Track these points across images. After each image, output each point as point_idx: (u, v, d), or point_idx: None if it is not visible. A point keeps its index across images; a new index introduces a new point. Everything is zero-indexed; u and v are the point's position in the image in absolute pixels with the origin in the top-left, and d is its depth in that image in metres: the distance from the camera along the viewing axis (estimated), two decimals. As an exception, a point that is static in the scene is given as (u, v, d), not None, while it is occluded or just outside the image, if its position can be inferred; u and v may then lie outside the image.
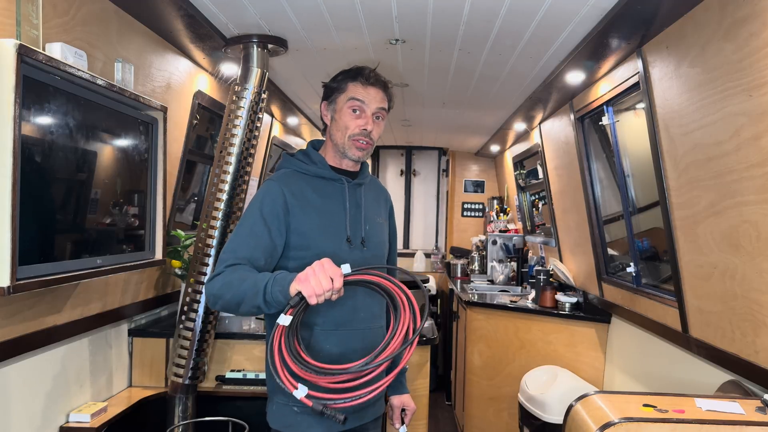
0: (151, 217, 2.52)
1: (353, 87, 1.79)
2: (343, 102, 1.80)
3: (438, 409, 5.27)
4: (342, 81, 1.82)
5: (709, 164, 2.06)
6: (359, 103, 1.78)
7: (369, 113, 1.79)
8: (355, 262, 1.70)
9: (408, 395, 2.00)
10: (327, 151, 1.87)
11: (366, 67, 1.84)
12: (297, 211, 1.72)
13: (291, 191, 1.74)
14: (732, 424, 1.52)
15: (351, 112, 1.79)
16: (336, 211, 1.79)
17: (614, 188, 3.27)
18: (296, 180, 1.79)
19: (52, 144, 1.86)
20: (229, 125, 2.75)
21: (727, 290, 2.05)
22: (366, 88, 1.79)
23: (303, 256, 1.69)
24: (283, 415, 1.73)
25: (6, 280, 1.64)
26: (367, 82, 1.80)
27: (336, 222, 1.78)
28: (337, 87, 1.82)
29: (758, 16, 1.71)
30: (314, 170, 1.82)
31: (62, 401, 2.32)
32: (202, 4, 2.37)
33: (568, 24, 2.43)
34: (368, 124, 1.79)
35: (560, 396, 3.07)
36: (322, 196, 1.79)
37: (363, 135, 1.79)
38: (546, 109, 3.95)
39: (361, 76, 1.80)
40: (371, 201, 1.91)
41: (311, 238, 1.72)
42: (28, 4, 1.79)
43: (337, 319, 1.73)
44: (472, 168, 7.01)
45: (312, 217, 1.74)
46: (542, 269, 4.10)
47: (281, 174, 1.82)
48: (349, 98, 1.78)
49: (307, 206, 1.75)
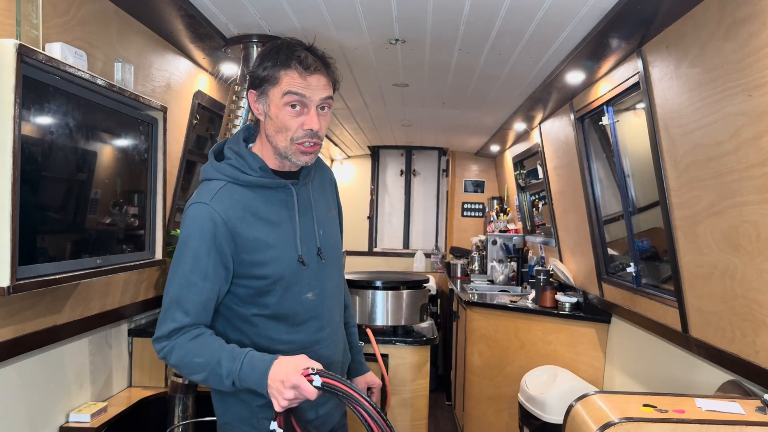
0: (151, 217, 2.52)
1: (289, 77, 1.45)
2: (277, 96, 1.46)
3: (438, 409, 5.27)
4: (273, 68, 1.46)
5: (709, 164, 2.06)
6: (298, 98, 1.45)
7: (312, 108, 1.47)
8: (314, 277, 1.59)
9: (370, 373, 1.87)
10: (264, 150, 1.55)
11: (299, 47, 1.48)
12: (243, 240, 1.47)
13: (230, 216, 1.46)
14: (732, 424, 1.52)
15: (290, 109, 1.46)
16: (285, 226, 1.54)
17: (614, 188, 3.27)
18: (234, 198, 1.49)
19: (52, 144, 1.86)
20: (229, 125, 2.75)
21: (727, 290, 2.05)
22: (305, 77, 1.45)
23: (257, 285, 1.51)
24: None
25: (6, 280, 1.64)
26: (306, 69, 1.45)
27: (288, 239, 1.54)
28: (267, 76, 1.46)
29: (758, 16, 1.71)
30: (254, 180, 1.51)
31: (62, 401, 2.32)
32: (202, 4, 2.37)
33: (568, 24, 2.43)
34: (312, 122, 1.46)
35: (560, 396, 3.07)
36: (268, 212, 1.52)
37: (308, 136, 1.48)
38: (546, 109, 3.95)
39: (297, 62, 1.44)
40: (320, 193, 1.67)
41: (264, 265, 1.50)
42: (28, 4, 1.79)
43: (304, 342, 1.58)
44: (472, 168, 7.01)
45: (262, 243, 1.49)
46: (542, 269, 4.10)
47: (213, 192, 1.49)
48: (286, 92, 1.45)
49: (251, 230, 1.48)
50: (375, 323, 2.87)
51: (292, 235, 1.55)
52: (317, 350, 1.61)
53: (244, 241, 1.48)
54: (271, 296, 1.53)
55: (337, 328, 1.73)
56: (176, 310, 1.44)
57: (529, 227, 5.58)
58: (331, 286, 1.68)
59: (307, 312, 1.60)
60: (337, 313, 1.74)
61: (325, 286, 1.65)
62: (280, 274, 1.52)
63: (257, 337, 1.56)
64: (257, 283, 1.51)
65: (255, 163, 1.54)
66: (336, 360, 1.71)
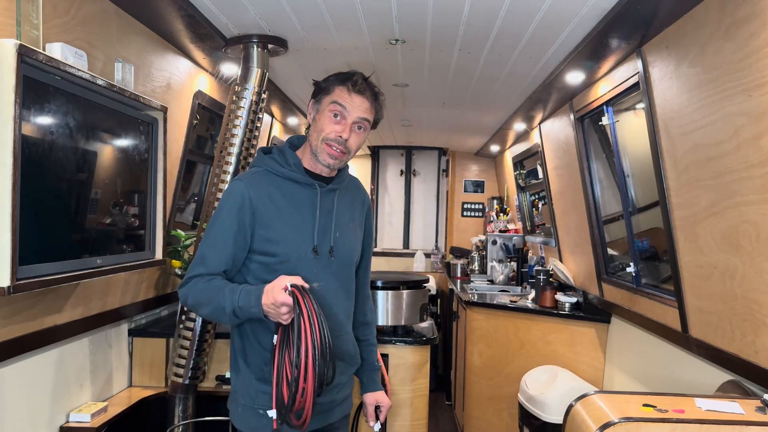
0: (151, 217, 2.52)
1: (339, 91, 1.72)
2: (326, 104, 1.73)
3: (438, 409, 5.27)
4: (331, 82, 1.75)
5: (709, 164, 2.06)
6: (340, 109, 1.71)
7: (349, 121, 1.71)
8: (321, 271, 1.73)
9: (382, 392, 1.98)
10: (305, 151, 1.80)
11: (358, 73, 1.76)
12: (262, 216, 1.69)
13: (258, 195, 1.69)
14: (732, 424, 1.52)
15: (331, 116, 1.71)
16: (305, 218, 1.74)
17: (614, 188, 3.27)
18: (266, 182, 1.73)
19: (53, 144, 1.86)
20: (229, 125, 2.75)
21: (727, 290, 2.05)
22: (351, 95, 1.71)
23: (267, 261, 1.70)
24: (247, 417, 1.72)
25: (6, 280, 1.64)
26: (354, 88, 1.72)
27: (303, 229, 1.73)
28: (324, 87, 1.75)
29: (758, 16, 1.71)
30: (287, 173, 1.75)
31: (62, 401, 2.32)
32: (202, 4, 2.37)
33: (568, 24, 2.43)
34: (345, 131, 1.71)
35: (560, 396, 3.07)
36: (291, 202, 1.73)
37: (337, 142, 1.71)
38: (546, 109, 3.95)
39: (350, 81, 1.72)
40: (345, 205, 1.85)
41: (276, 244, 1.69)
42: (28, 4, 1.79)
43: None
44: (472, 168, 7.01)
45: (278, 223, 1.70)
46: (542, 269, 4.10)
47: (251, 174, 1.76)
48: (332, 101, 1.71)
49: (273, 211, 1.70)
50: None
51: (309, 227, 1.73)
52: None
53: (262, 218, 1.69)
54: (277, 275, 1.62)
55: (340, 329, 1.78)
56: (198, 264, 1.70)
57: (529, 227, 5.58)
58: (335, 286, 1.77)
59: None
60: (342, 315, 1.81)
61: (330, 283, 1.76)
62: (287, 255, 1.70)
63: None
64: (267, 260, 1.70)
65: (291, 159, 1.77)
66: (340, 357, 1.75)
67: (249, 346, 1.74)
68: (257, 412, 1.69)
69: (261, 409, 1.68)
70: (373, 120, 1.78)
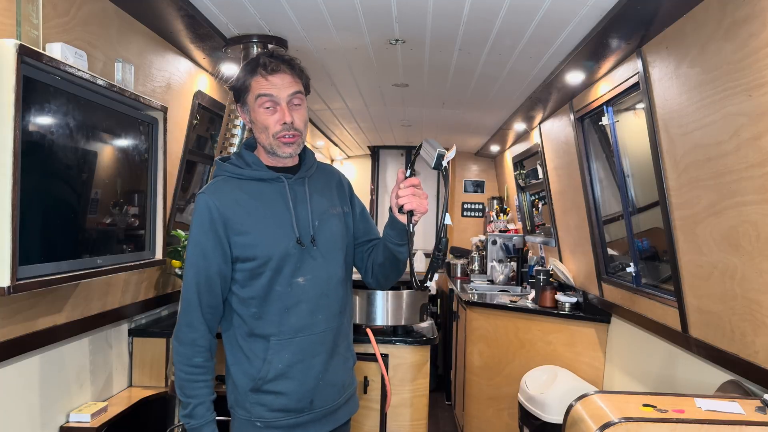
0: (151, 217, 2.52)
1: (256, 82, 1.64)
2: (252, 101, 1.66)
3: (438, 409, 5.27)
4: (244, 79, 1.68)
5: (709, 164, 2.06)
6: (267, 98, 1.64)
7: (283, 104, 1.64)
8: (305, 264, 1.69)
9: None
10: (260, 151, 1.75)
11: (262, 54, 1.68)
12: (233, 223, 1.64)
13: (223, 202, 1.64)
14: (732, 424, 1.52)
15: (264, 109, 1.64)
16: (279, 213, 1.68)
17: (614, 188, 3.27)
18: (230, 187, 1.68)
19: (53, 144, 1.86)
20: (229, 125, 2.76)
21: (727, 290, 2.05)
22: (269, 78, 1.64)
23: (249, 267, 1.65)
24: (245, 429, 1.70)
25: (6, 280, 1.64)
26: (267, 71, 1.63)
27: (281, 224, 1.67)
28: (241, 86, 1.68)
29: (758, 16, 1.71)
30: (249, 173, 1.70)
31: (62, 401, 2.32)
32: (202, 4, 2.37)
33: (568, 24, 2.43)
34: (286, 115, 1.64)
35: (560, 396, 3.07)
36: (260, 201, 1.68)
37: (286, 129, 1.65)
38: (546, 109, 3.95)
39: (260, 67, 1.64)
40: (319, 193, 1.78)
41: (254, 247, 1.64)
42: (28, 4, 1.79)
43: (295, 325, 1.67)
44: (472, 168, 7.01)
45: (251, 226, 1.64)
46: (542, 269, 4.10)
47: (212, 184, 1.70)
48: (257, 96, 1.64)
49: (243, 215, 1.65)
50: (375, 323, 2.87)
51: (286, 221, 1.68)
52: (309, 335, 1.68)
53: (234, 225, 1.64)
54: (262, 278, 1.65)
55: (333, 319, 1.73)
56: (192, 308, 1.66)
57: (529, 227, 5.58)
58: (325, 276, 1.72)
59: (297, 296, 1.67)
60: (335, 304, 1.74)
61: (318, 274, 1.71)
62: (268, 255, 1.64)
63: (252, 319, 1.67)
64: (249, 265, 1.65)
65: (250, 159, 1.73)
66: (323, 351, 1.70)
67: (242, 357, 1.70)
68: (255, 425, 1.68)
69: (258, 422, 1.67)
70: (303, 86, 1.70)
